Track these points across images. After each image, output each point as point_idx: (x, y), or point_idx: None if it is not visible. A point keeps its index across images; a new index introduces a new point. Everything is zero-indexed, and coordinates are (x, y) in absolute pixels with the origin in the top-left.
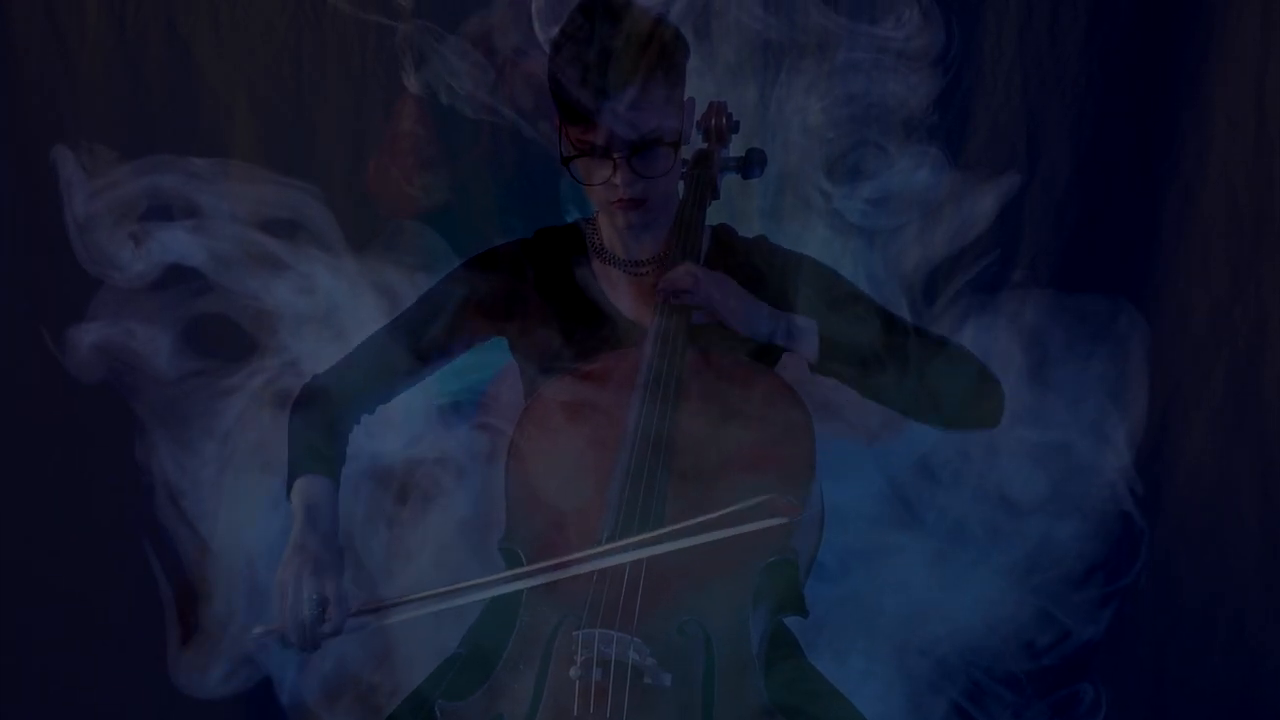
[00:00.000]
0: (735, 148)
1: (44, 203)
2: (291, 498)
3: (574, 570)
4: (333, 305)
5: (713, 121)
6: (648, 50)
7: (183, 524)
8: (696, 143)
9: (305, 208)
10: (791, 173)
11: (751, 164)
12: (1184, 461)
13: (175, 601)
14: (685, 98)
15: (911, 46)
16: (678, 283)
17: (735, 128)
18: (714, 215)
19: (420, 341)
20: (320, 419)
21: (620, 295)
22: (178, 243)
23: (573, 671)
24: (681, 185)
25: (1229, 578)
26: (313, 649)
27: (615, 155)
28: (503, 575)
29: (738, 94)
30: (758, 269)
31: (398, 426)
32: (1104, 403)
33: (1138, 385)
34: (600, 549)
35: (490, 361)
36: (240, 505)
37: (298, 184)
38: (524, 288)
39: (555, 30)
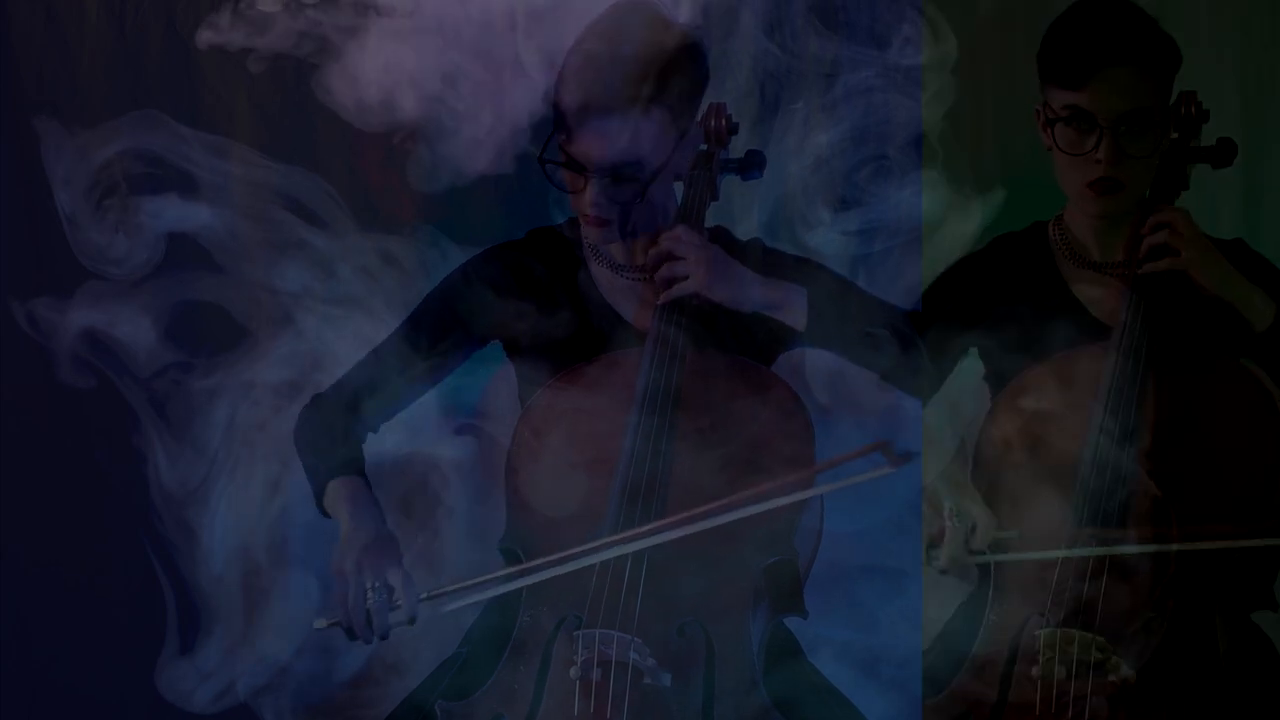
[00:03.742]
0: (734, 149)
1: (41, 200)
2: (325, 504)
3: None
4: (338, 282)
5: (712, 123)
6: (649, 80)
7: (179, 525)
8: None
9: (308, 188)
10: (792, 201)
11: (751, 165)
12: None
13: (176, 607)
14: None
15: (919, 61)
16: (668, 249)
17: (735, 129)
18: (712, 217)
19: (423, 348)
20: (338, 425)
21: (616, 296)
22: (170, 210)
23: (573, 672)
24: (680, 186)
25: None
26: (382, 638)
27: (589, 174)
28: (598, 544)
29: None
30: (752, 269)
31: (394, 429)
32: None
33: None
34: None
35: (481, 366)
36: (237, 502)
37: (301, 170)
38: (523, 289)
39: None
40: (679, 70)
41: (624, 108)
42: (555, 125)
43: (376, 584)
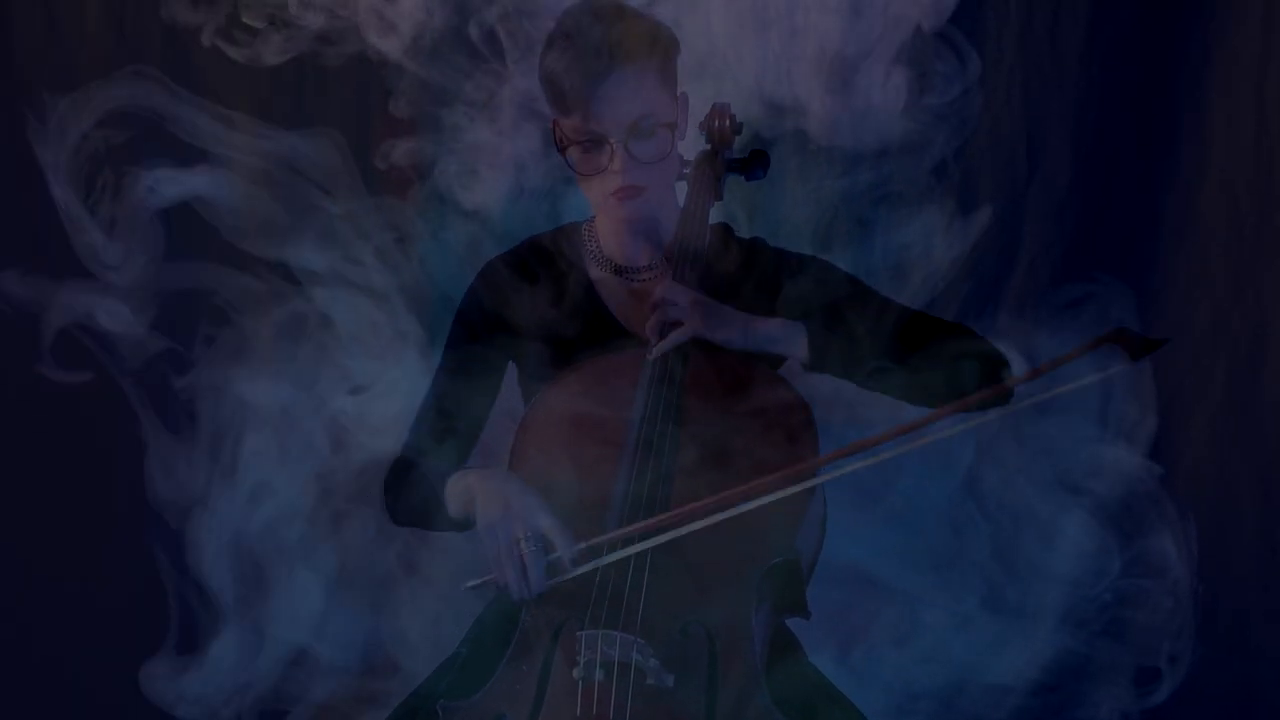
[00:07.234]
0: (738, 149)
1: (40, 203)
2: (451, 492)
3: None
4: (344, 263)
5: (716, 124)
6: (638, 36)
7: (177, 523)
8: (700, 144)
9: (314, 157)
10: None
11: (754, 165)
12: (1185, 461)
13: (177, 607)
14: (679, 91)
15: (954, 89)
16: (662, 297)
17: (739, 130)
18: (714, 217)
19: (467, 399)
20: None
21: (616, 302)
22: (166, 182)
23: (575, 672)
24: (684, 187)
25: (1229, 579)
26: (538, 592)
27: (612, 141)
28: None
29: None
30: (755, 268)
31: (394, 432)
32: (1117, 401)
33: (1144, 377)
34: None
35: None
36: (237, 500)
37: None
38: (522, 300)
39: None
40: (653, 34)
41: (623, 64)
42: (559, 111)
43: (528, 534)
